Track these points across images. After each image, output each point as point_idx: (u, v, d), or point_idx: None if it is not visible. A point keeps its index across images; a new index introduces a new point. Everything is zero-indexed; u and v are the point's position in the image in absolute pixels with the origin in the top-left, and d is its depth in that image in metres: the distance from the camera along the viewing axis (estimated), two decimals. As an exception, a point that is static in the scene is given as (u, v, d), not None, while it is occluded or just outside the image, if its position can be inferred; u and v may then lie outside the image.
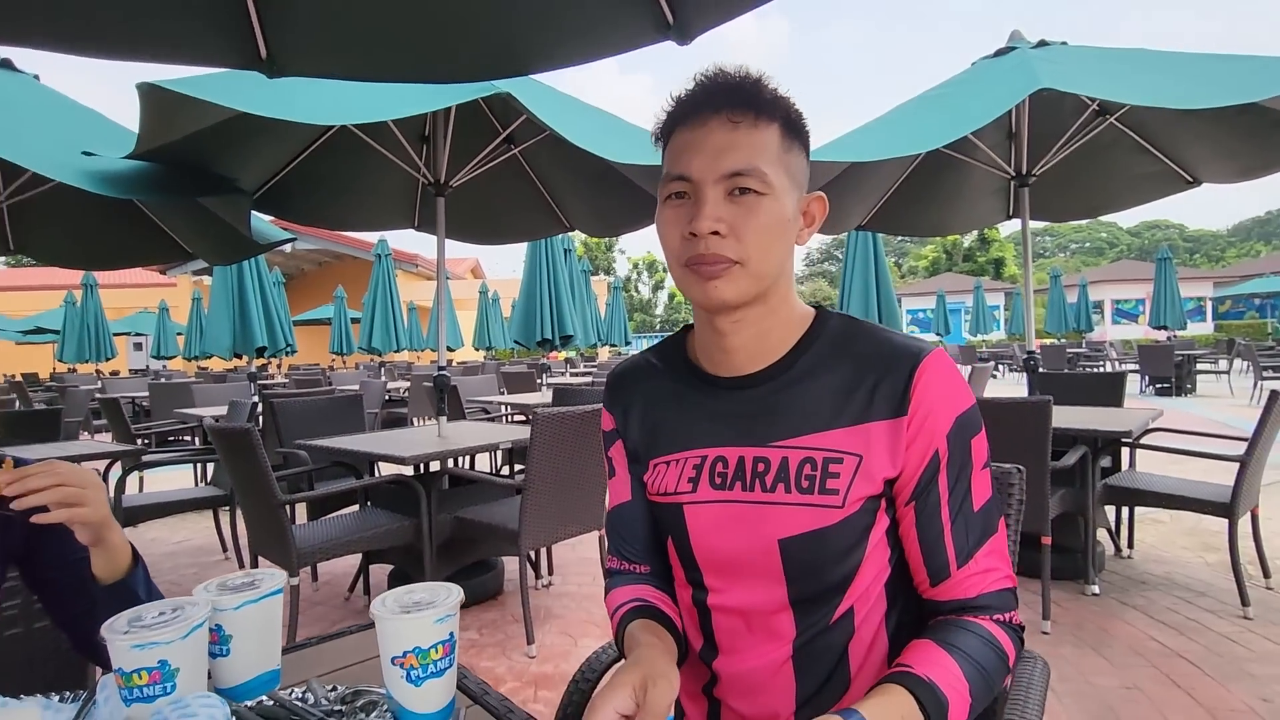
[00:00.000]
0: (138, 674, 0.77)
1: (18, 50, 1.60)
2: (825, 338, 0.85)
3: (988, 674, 0.75)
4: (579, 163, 3.72)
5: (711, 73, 0.80)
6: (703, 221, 0.75)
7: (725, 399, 0.86)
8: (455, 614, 0.82)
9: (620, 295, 14.69)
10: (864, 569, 0.81)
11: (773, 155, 0.77)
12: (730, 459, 0.83)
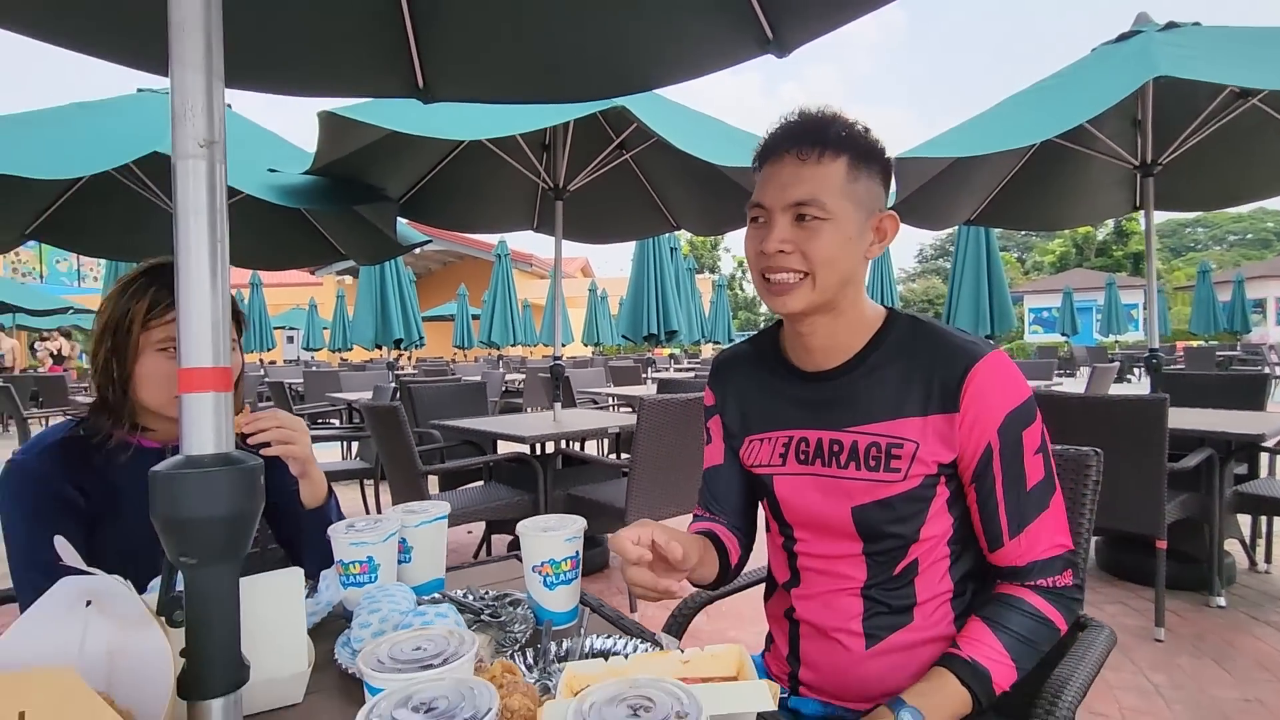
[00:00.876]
0: (353, 564, 1.04)
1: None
2: (893, 337, 0.98)
3: (1030, 641, 0.91)
4: (686, 165, 3.92)
5: (792, 115, 0.97)
6: (770, 243, 0.93)
7: (808, 389, 1.02)
8: (580, 537, 1.04)
9: (724, 293, 14.75)
10: (925, 530, 0.97)
11: (835, 186, 0.92)
12: (811, 440, 1.00)
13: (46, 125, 2.97)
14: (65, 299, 12.74)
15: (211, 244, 0.67)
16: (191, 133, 0.66)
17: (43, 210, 3.77)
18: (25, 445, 1.16)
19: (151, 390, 1.16)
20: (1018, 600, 0.92)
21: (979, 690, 0.87)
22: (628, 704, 0.54)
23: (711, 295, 14.69)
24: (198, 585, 0.64)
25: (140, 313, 1.15)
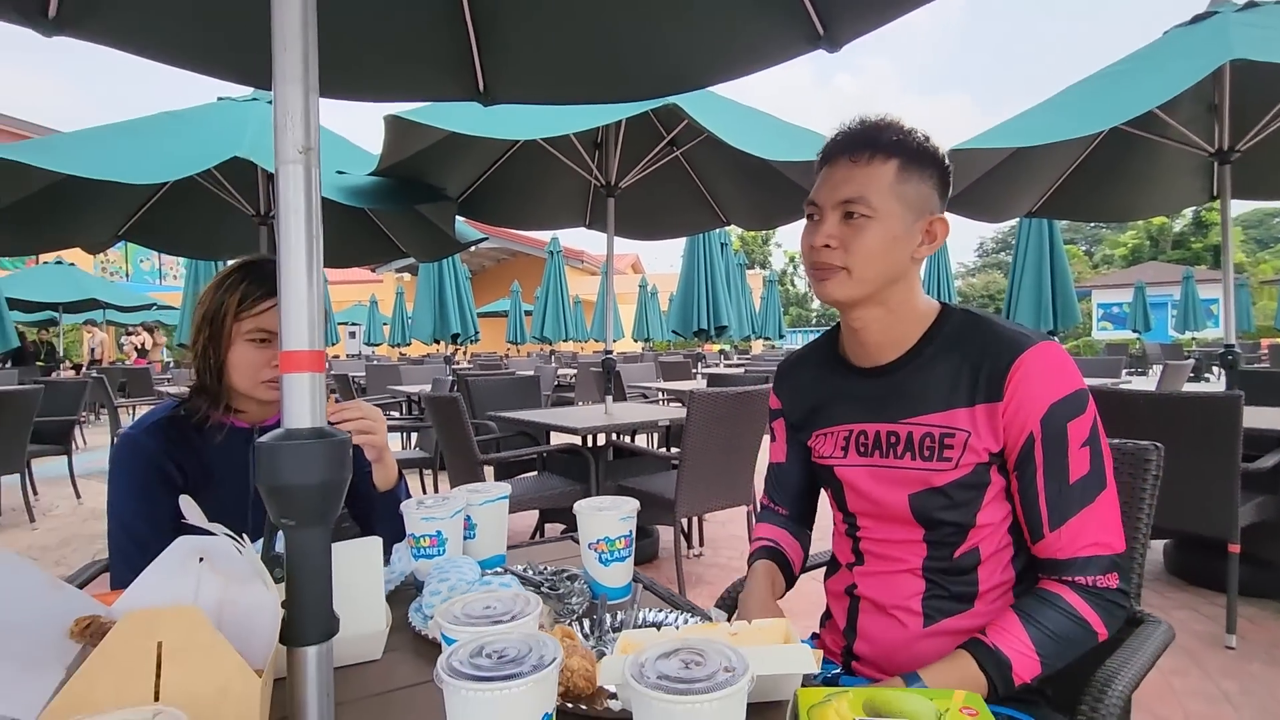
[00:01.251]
0: (424, 538, 1.12)
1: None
2: (946, 332, 1.02)
3: (1061, 638, 0.90)
4: (736, 160, 3.93)
5: (851, 121, 1.03)
6: (818, 238, 0.99)
7: (865, 384, 1.07)
8: (634, 517, 1.10)
9: (775, 289, 14.63)
10: (982, 516, 0.99)
11: (884, 186, 0.97)
12: (869, 433, 1.05)
13: (139, 134, 3.20)
14: (149, 296, 13.60)
15: (308, 239, 0.74)
16: (291, 141, 0.74)
17: (133, 213, 4.07)
18: (135, 421, 1.29)
19: (242, 375, 1.27)
20: (1055, 596, 0.92)
21: (996, 677, 0.88)
22: (680, 659, 0.59)
23: (762, 291, 14.58)
24: (296, 545, 0.72)
25: (233, 305, 1.26)
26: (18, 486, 4.42)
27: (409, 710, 0.81)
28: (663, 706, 0.53)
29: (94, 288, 11.56)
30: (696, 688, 0.54)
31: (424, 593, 1.04)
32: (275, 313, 1.27)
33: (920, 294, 1.05)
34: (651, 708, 0.54)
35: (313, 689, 0.72)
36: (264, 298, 1.27)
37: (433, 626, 0.98)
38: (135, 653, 0.57)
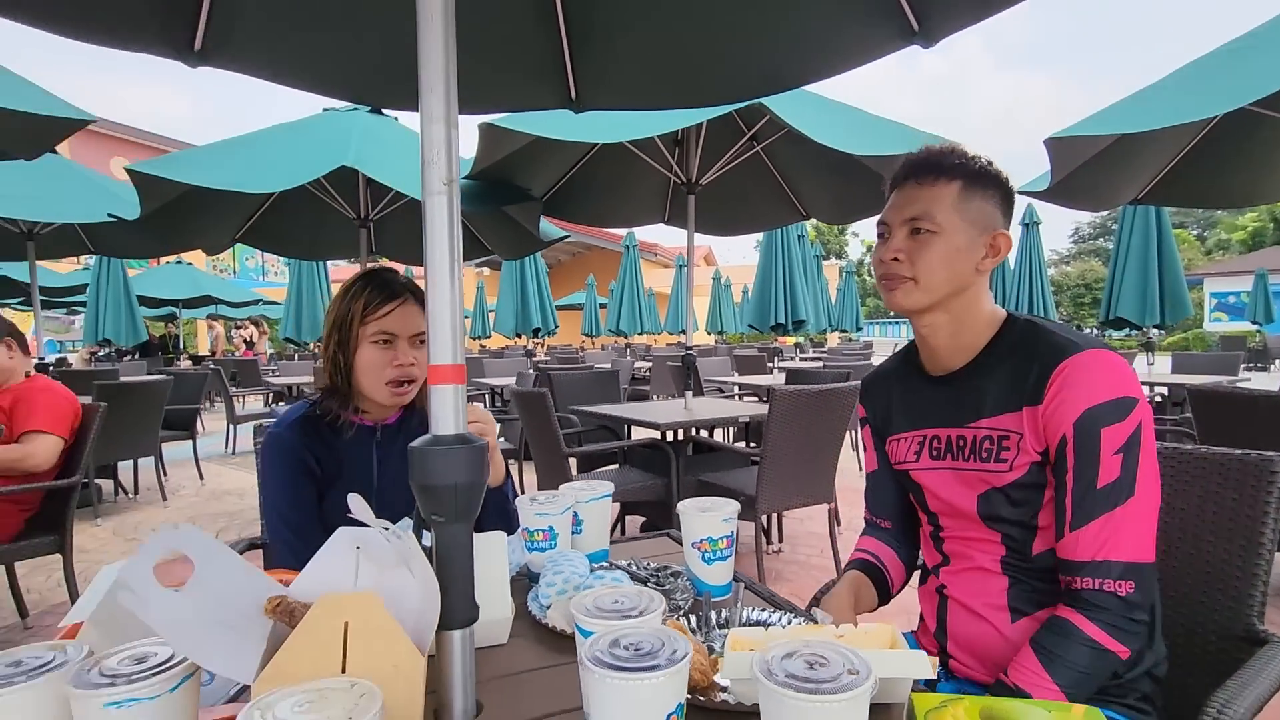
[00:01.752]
0: (537, 532, 1.20)
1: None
2: (1008, 339, 1.07)
3: (1079, 667, 0.91)
4: (819, 154, 3.87)
5: (920, 151, 1.10)
6: (887, 251, 1.09)
7: (937, 390, 1.13)
8: (735, 519, 1.14)
9: (853, 280, 14.25)
10: (1043, 517, 1.02)
11: (947, 203, 1.04)
12: (942, 436, 1.11)
13: (256, 146, 3.47)
14: (254, 291, 14.69)
15: (451, 263, 0.82)
16: (437, 174, 0.82)
17: (248, 218, 4.40)
18: (277, 420, 1.42)
19: (367, 375, 1.38)
20: (1067, 625, 0.93)
21: None
22: (803, 659, 0.62)
23: (838, 282, 14.25)
24: (443, 538, 0.80)
25: (358, 311, 1.38)
26: (152, 468, 4.92)
27: (535, 691, 0.88)
28: (795, 705, 0.57)
29: (208, 285, 12.60)
30: (825, 688, 0.58)
31: (540, 584, 1.11)
32: (396, 315, 1.38)
33: (986, 304, 1.10)
34: (784, 705, 0.58)
35: (459, 668, 0.81)
36: (385, 302, 1.38)
37: (552, 616, 1.06)
38: (328, 631, 0.65)
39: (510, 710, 0.82)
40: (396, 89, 1.85)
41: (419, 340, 1.42)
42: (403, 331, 1.39)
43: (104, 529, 4.18)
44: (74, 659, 0.66)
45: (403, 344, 1.39)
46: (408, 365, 1.39)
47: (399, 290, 1.40)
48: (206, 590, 0.71)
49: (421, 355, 1.43)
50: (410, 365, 1.39)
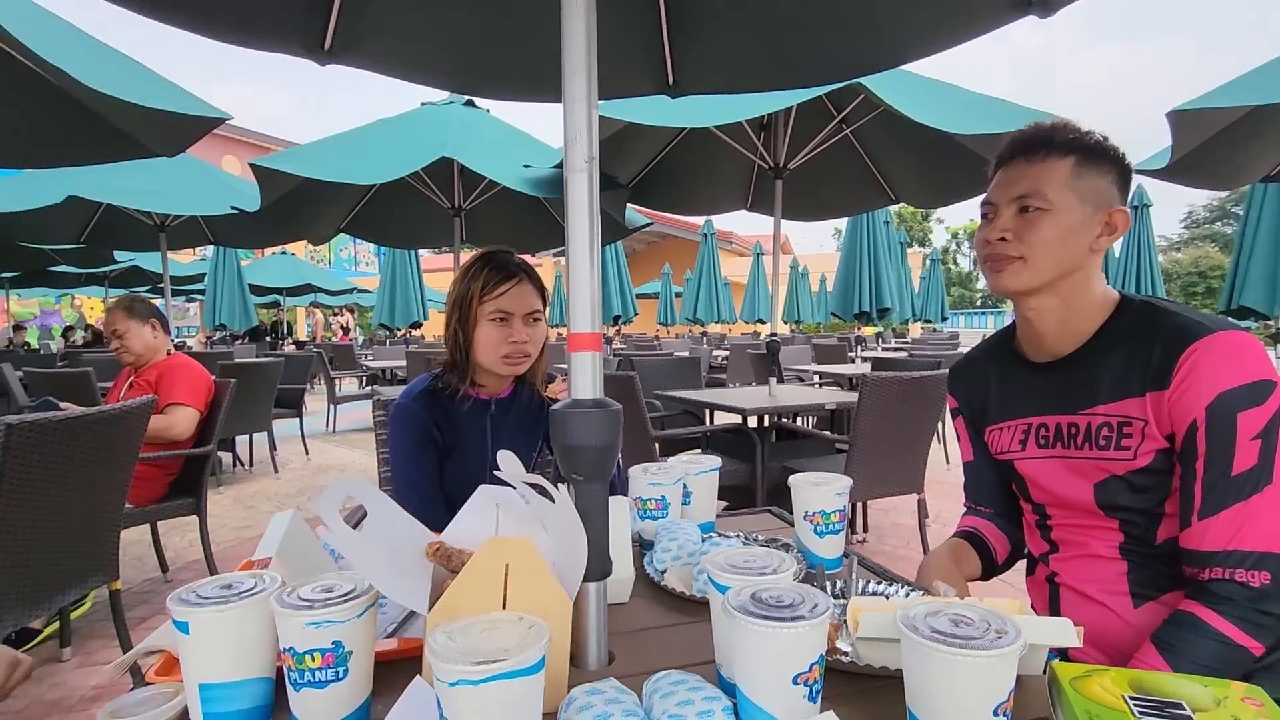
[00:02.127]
0: (650, 501, 1.24)
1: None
2: (1124, 321, 1.01)
3: (1206, 663, 0.86)
4: (912, 135, 3.76)
5: (1028, 128, 1.05)
6: (993, 231, 1.04)
7: (1042, 377, 1.08)
8: (847, 494, 1.15)
9: (938, 267, 13.69)
10: (1170, 505, 0.97)
11: (1059, 180, 0.99)
12: (1050, 424, 1.07)
13: (362, 140, 3.68)
14: (349, 280, 15.55)
15: (590, 236, 0.86)
16: (579, 152, 0.86)
17: (351, 209, 4.67)
18: (403, 392, 1.53)
19: (485, 350, 1.47)
20: (1193, 619, 0.89)
21: None
22: (948, 618, 0.64)
23: (922, 270, 13.71)
24: (582, 496, 0.85)
25: (477, 290, 1.46)
26: (264, 443, 5.32)
27: (660, 645, 0.92)
28: (945, 659, 0.58)
29: (309, 274, 13.46)
30: (975, 644, 0.59)
31: (655, 549, 1.16)
32: (512, 295, 1.46)
33: (1099, 286, 1.05)
34: (931, 659, 0.59)
35: (594, 617, 0.86)
36: (502, 282, 1.46)
37: (669, 579, 1.10)
38: (491, 571, 0.71)
39: (639, 661, 0.87)
40: (509, 80, 1.93)
41: (532, 319, 1.50)
42: (518, 310, 1.46)
43: (225, 496, 4.56)
44: (272, 586, 0.75)
45: (517, 321, 1.46)
46: (522, 342, 1.46)
47: (514, 271, 1.48)
48: (378, 532, 0.78)
49: (534, 333, 1.50)
50: (524, 342, 1.47)
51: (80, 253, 7.44)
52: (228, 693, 0.71)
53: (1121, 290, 1.07)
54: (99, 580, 1.96)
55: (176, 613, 0.70)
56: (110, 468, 1.88)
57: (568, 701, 0.68)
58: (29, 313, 16.10)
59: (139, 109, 2.37)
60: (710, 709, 0.66)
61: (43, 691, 2.10)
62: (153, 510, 2.70)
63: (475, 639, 0.61)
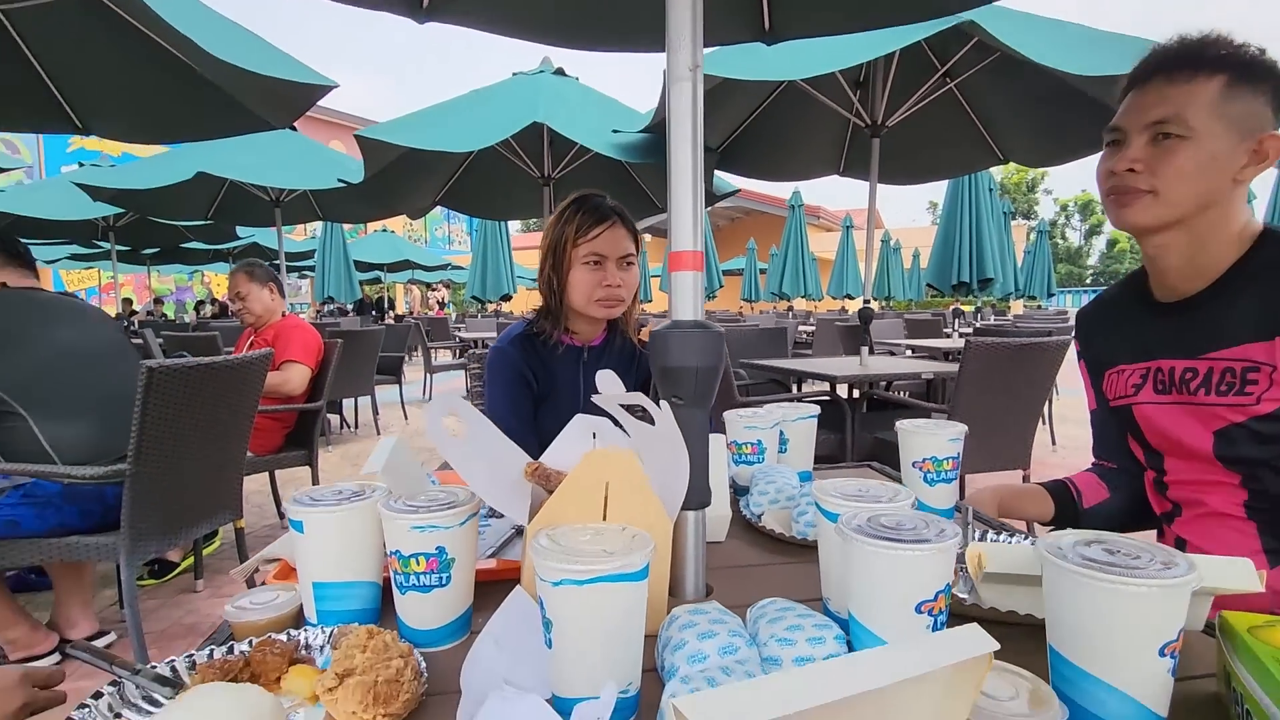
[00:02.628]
0: (746, 445, 1.21)
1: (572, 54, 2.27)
2: (1261, 259, 0.92)
3: None
4: (1026, 86, 3.47)
5: (1171, 41, 0.93)
6: (1120, 162, 0.93)
7: (1166, 318, 1.01)
8: (961, 440, 1.06)
9: (1045, 240, 12.70)
10: None
11: (1204, 103, 0.88)
12: (1166, 369, 1.00)
13: (457, 111, 3.77)
14: (444, 258, 16.25)
15: (693, 149, 0.82)
16: (682, 60, 0.82)
17: (445, 182, 4.81)
18: (499, 337, 1.55)
19: (578, 294, 1.46)
20: None
21: None
22: (1103, 548, 0.56)
23: (1026, 244, 12.79)
24: (682, 421, 0.81)
25: (570, 234, 1.45)
26: (368, 406, 5.64)
27: (759, 581, 0.89)
28: (1102, 589, 0.51)
29: (408, 251, 14.16)
30: (1139, 573, 0.51)
31: (752, 492, 1.12)
32: (605, 237, 1.44)
33: (1240, 220, 0.94)
34: (1082, 589, 0.52)
35: (692, 547, 0.83)
36: (595, 224, 1.44)
37: (767, 520, 1.06)
38: (593, 484, 0.70)
39: (737, 596, 0.83)
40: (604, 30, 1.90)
41: (625, 262, 1.47)
42: (611, 253, 1.44)
43: (333, 454, 4.87)
44: (379, 494, 0.76)
45: (611, 265, 1.44)
46: (616, 286, 1.44)
47: (607, 213, 1.46)
48: (479, 445, 0.78)
49: (628, 276, 1.48)
50: (618, 286, 1.45)
51: (208, 229, 8.10)
52: (339, 592, 0.74)
53: (1269, 224, 0.95)
54: (226, 517, 2.12)
55: (293, 512, 0.73)
56: (234, 413, 2.02)
57: (670, 619, 0.66)
58: (167, 289, 18.05)
59: (254, 77, 2.50)
60: (822, 635, 0.62)
61: (180, 615, 2.32)
62: (270, 460, 2.90)
63: (579, 543, 0.59)
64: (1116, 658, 0.53)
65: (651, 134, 3.63)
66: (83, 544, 1.73)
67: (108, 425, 1.86)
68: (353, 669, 0.58)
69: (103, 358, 1.98)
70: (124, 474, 1.68)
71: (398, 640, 0.62)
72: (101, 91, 2.84)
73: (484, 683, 0.60)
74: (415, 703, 0.59)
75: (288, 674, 0.65)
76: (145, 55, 2.63)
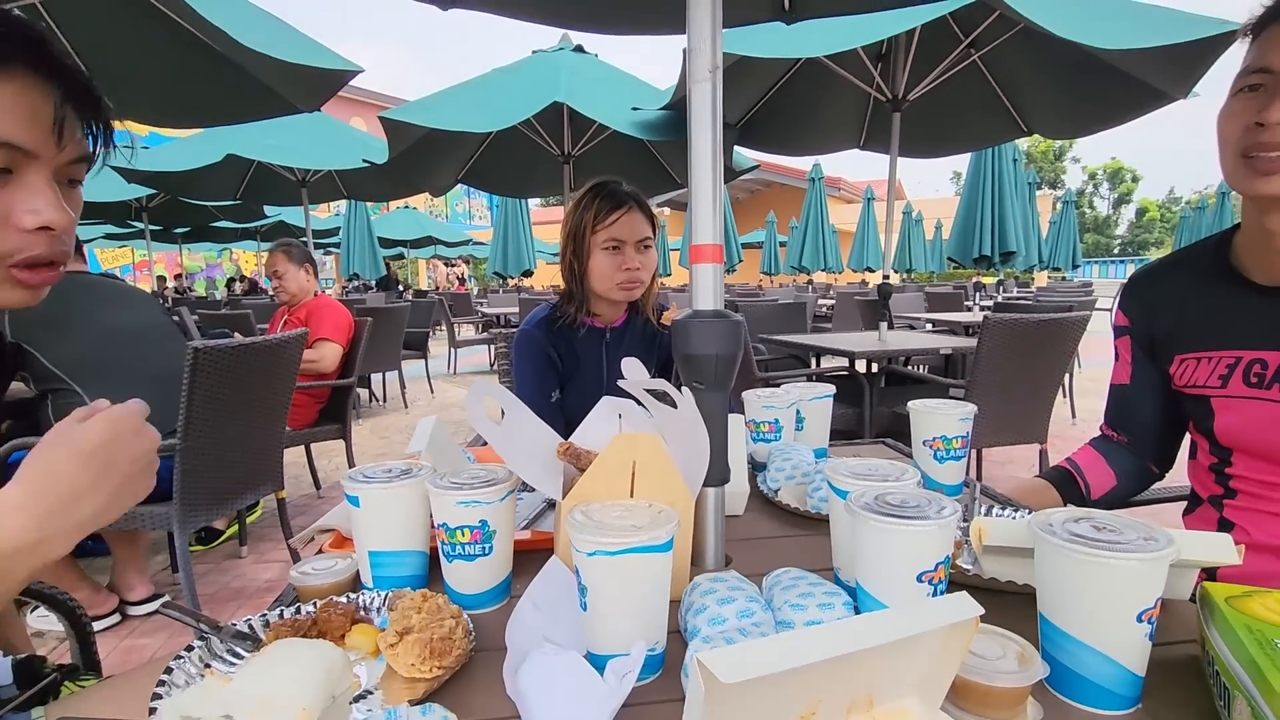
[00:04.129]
0: (764, 424, 1.26)
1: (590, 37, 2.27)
2: None
3: None
4: (1053, 57, 3.40)
5: None
6: (1274, 111, 0.75)
7: (1268, 303, 0.89)
8: (971, 419, 1.11)
9: (1071, 210, 12.42)
10: None
11: None
12: (1270, 362, 0.88)
13: (479, 90, 3.80)
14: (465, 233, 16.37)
15: (713, 147, 0.86)
16: (702, 62, 0.86)
17: (467, 160, 4.85)
18: (525, 320, 1.61)
19: (599, 279, 1.51)
20: None
21: None
22: (1090, 524, 0.61)
23: (1051, 214, 12.52)
24: (703, 404, 0.87)
25: (589, 221, 1.50)
26: (395, 381, 5.79)
27: (775, 551, 0.95)
28: (1085, 561, 0.56)
29: (430, 227, 14.33)
30: (1120, 546, 0.57)
31: (769, 469, 1.18)
32: (623, 223, 1.48)
33: None
34: (1064, 560, 0.57)
35: (711, 520, 0.89)
36: (613, 210, 1.49)
37: (783, 495, 1.12)
38: (621, 464, 0.76)
39: (754, 565, 0.90)
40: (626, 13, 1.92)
41: (643, 245, 1.52)
42: (629, 237, 1.49)
43: (364, 427, 5.03)
44: (426, 472, 0.83)
45: (629, 249, 1.49)
46: (635, 269, 1.50)
47: (624, 199, 1.50)
48: (516, 428, 0.85)
49: (646, 259, 1.52)
50: (637, 269, 1.50)
51: (236, 209, 8.27)
52: (392, 560, 0.81)
53: None
54: (268, 489, 2.23)
55: (349, 488, 0.80)
56: (274, 390, 2.12)
57: (692, 586, 0.73)
58: (197, 266, 18.44)
59: (283, 64, 2.56)
60: (831, 602, 0.68)
61: (228, 580, 2.46)
62: (306, 434, 3.03)
63: (610, 518, 0.66)
64: (1098, 623, 0.58)
65: (671, 111, 3.63)
66: (138, 513, 1.85)
67: (157, 402, 1.95)
68: (410, 627, 0.65)
69: (150, 338, 2.08)
70: (174, 448, 1.79)
71: (449, 603, 0.69)
72: (133, 76, 2.91)
73: (526, 640, 0.68)
74: (465, 658, 0.67)
75: (350, 632, 0.72)
76: (177, 42, 2.69)
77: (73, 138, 0.64)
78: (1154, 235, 40.39)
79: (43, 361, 1.87)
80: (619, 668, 0.60)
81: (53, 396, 1.92)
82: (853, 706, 0.52)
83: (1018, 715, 0.56)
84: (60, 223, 0.63)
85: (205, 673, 0.66)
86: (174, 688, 0.63)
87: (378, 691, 0.64)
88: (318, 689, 0.60)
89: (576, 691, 0.59)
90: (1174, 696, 0.61)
